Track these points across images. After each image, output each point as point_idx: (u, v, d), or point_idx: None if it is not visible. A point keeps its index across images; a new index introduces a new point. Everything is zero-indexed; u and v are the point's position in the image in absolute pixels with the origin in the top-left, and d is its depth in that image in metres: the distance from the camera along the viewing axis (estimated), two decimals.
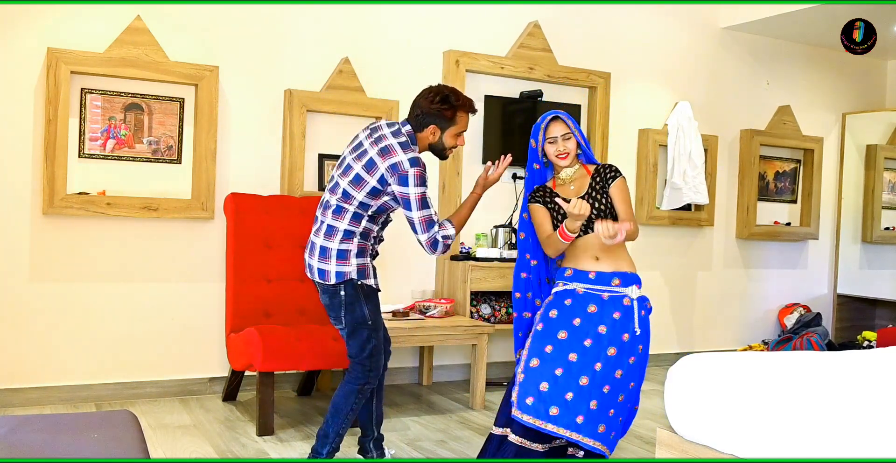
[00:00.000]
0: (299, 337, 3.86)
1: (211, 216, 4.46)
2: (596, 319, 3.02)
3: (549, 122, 3.17)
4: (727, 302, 6.34)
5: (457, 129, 3.17)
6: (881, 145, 6.78)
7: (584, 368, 2.93)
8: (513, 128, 5.26)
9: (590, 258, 3.10)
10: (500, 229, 5.13)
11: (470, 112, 3.18)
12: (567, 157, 3.15)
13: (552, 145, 3.16)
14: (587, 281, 3.09)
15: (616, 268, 3.09)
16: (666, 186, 5.78)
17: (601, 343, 2.97)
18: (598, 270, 3.09)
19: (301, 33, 4.71)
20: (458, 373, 5.20)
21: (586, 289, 3.08)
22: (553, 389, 2.91)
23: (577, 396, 2.90)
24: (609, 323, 3.01)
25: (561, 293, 3.12)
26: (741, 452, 2.35)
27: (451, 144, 3.19)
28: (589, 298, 3.06)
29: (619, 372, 2.99)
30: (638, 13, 5.78)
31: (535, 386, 2.93)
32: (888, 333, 5.56)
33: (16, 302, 4.13)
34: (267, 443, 3.69)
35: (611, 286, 3.07)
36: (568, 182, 3.21)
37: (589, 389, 2.91)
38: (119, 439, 2.06)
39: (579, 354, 2.95)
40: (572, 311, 3.05)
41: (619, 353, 2.99)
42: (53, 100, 4.08)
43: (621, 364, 2.99)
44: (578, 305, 3.05)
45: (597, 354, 2.95)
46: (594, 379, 2.92)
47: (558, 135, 3.14)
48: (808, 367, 2.49)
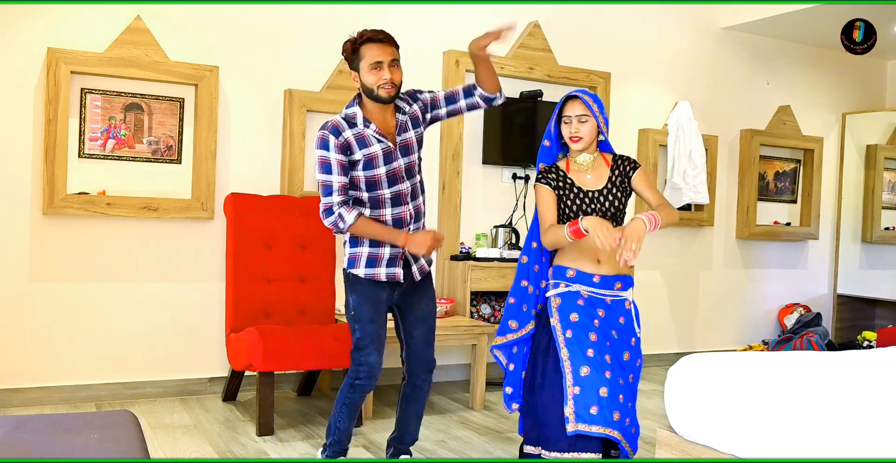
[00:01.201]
0: (299, 337, 3.86)
1: (211, 216, 4.46)
2: (607, 324, 2.95)
3: (567, 99, 2.97)
4: (727, 302, 6.34)
5: (367, 61, 2.88)
6: (881, 145, 6.79)
7: (616, 369, 2.87)
8: (513, 128, 5.26)
9: (592, 260, 2.97)
10: (500, 229, 5.13)
11: (371, 41, 2.88)
12: (580, 142, 2.95)
13: (566, 126, 2.96)
14: (591, 284, 2.98)
15: (617, 271, 3.00)
16: (666, 186, 5.77)
17: (618, 347, 2.95)
18: (601, 274, 2.97)
19: (301, 33, 4.71)
20: (458, 373, 5.20)
21: (590, 292, 2.97)
22: (611, 393, 2.80)
23: (627, 398, 2.88)
24: (618, 328, 2.97)
25: (567, 295, 2.97)
26: (741, 452, 2.35)
27: (372, 82, 2.89)
28: (595, 303, 2.97)
29: (631, 376, 2.99)
30: (638, 13, 5.79)
31: (595, 394, 2.79)
32: (888, 333, 5.56)
33: (16, 302, 4.13)
34: (267, 443, 3.69)
35: (613, 290, 3.00)
36: (584, 169, 3.02)
37: (623, 388, 2.87)
38: (119, 439, 2.06)
39: (611, 355, 2.88)
40: (588, 314, 2.93)
41: (632, 357, 2.99)
42: (53, 100, 4.08)
43: (633, 368, 2.99)
44: (590, 309, 2.95)
45: (618, 357, 2.93)
46: (626, 379, 2.93)
47: (573, 115, 2.93)
48: (808, 367, 2.49)
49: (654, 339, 5.89)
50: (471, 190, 5.17)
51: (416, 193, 3.08)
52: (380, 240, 2.99)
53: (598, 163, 3.05)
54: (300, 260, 4.33)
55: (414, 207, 3.07)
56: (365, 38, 2.90)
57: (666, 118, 5.89)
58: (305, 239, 4.36)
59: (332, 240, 4.43)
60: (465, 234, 5.13)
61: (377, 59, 2.89)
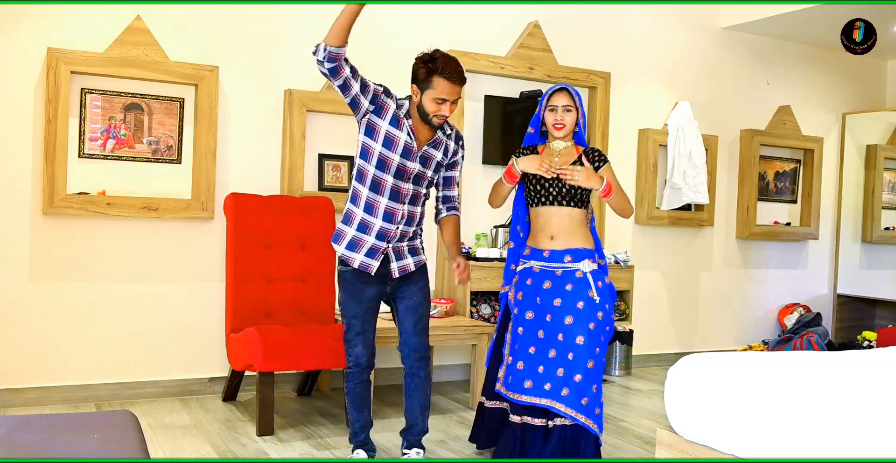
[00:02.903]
0: (299, 337, 3.86)
1: (211, 216, 4.46)
2: (551, 293, 3.25)
3: (555, 90, 3.29)
4: (727, 302, 6.34)
5: (433, 93, 3.02)
6: (881, 145, 6.79)
7: (550, 342, 3.21)
8: (513, 128, 5.26)
9: (546, 238, 3.32)
10: (499, 229, 5.13)
11: (450, 80, 3.01)
12: (562, 129, 3.29)
13: (551, 113, 3.30)
14: (542, 259, 3.31)
15: (568, 245, 3.28)
16: (666, 186, 5.77)
17: (559, 315, 3.22)
18: (551, 249, 3.30)
19: (301, 33, 4.70)
20: (458, 373, 5.20)
21: (542, 266, 3.30)
22: (527, 365, 3.25)
23: (547, 368, 3.18)
24: (562, 295, 3.23)
25: (521, 273, 3.38)
26: (741, 452, 2.35)
27: (432, 110, 3.05)
28: (544, 275, 3.30)
29: (581, 338, 3.17)
30: (638, 13, 5.78)
31: (514, 366, 3.30)
32: (888, 333, 5.56)
33: (16, 302, 4.13)
34: (267, 443, 3.69)
35: (563, 263, 3.28)
36: (556, 154, 3.37)
37: (556, 359, 3.18)
38: (119, 439, 2.06)
39: (545, 330, 3.24)
40: (533, 290, 3.30)
41: (577, 320, 3.19)
42: (53, 100, 4.08)
43: (581, 330, 3.18)
44: (536, 284, 3.30)
45: (557, 325, 3.21)
46: (560, 349, 3.19)
47: (559, 104, 3.27)
48: (808, 367, 2.49)
49: (654, 339, 5.90)
50: (471, 190, 5.17)
51: (415, 201, 3.20)
52: (339, 25, 2.94)
53: (570, 150, 3.39)
54: (300, 260, 4.33)
55: (409, 211, 3.19)
56: (442, 71, 3.01)
57: (666, 118, 5.89)
58: (305, 239, 4.36)
59: None
60: (464, 234, 5.12)
61: (444, 97, 3.05)
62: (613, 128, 5.67)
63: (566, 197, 3.29)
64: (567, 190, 3.28)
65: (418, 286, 3.29)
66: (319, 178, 4.76)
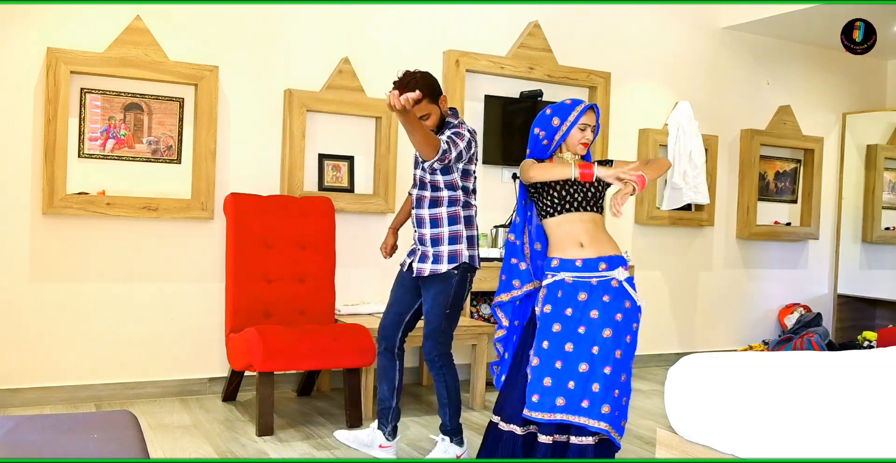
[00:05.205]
0: (299, 337, 3.86)
1: (211, 216, 4.46)
2: (587, 305, 3.07)
3: (588, 109, 3.18)
4: (727, 302, 6.34)
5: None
6: (881, 145, 6.78)
7: (582, 355, 3.00)
8: (513, 128, 5.26)
9: (574, 245, 3.13)
10: (499, 229, 5.13)
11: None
12: (587, 147, 3.23)
13: (581, 132, 3.18)
14: (574, 269, 3.12)
15: (600, 252, 3.12)
16: (666, 186, 5.77)
17: (596, 327, 3.02)
18: (584, 258, 3.11)
19: (301, 33, 4.71)
20: (458, 373, 5.18)
21: (575, 277, 3.11)
22: (555, 382, 3.00)
23: (579, 383, 2.97)
24: (600, 306, 3.06)
25: (552, 286, 3.16)
26: (741, 452, 2.35)
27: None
28: (578, 287, 3.10)
29: (619, 352, 3.03)
30: (638, 13, 5.78)
31: (540, 383, 3.03)
32: (888, 333, 5.56)
33: (16, 302, 4.13)
34: (267, 443, 3.69)
35: (598, 272, 3.11)
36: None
37: (589, 373, 2.97)
38: (119, 439, 2.06)
39: (574, 342, 3.03)
40: (564, 302, 3.10)
41: (616, 333, 3.03)
42: (53, 100, 4.08)
43: (619, 344, 3.03)
44: (569, 295, 3.10)
45: (592, 338, 3.01)
46: (593, 363, 2.99)
47: (590, 124, 3.19)
48: (808, 367, 2.49)
49: (654, 339, 5.89)
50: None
51: (419, 204, 3.42)
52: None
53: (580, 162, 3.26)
54: (300, 260, 4.33)
55: (417, 214, 3.43)
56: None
57: (666, 118, 5.89)
58: (305, 239, 4.36)
59: (332, 240, 4.43)
60: None
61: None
62: (613, 128, 5.67)
63: (590, 202, 3.18)
64: (592, 194, 3.17)
65: (431, 293, 3.40)
66: (319, 178, 4.76)
